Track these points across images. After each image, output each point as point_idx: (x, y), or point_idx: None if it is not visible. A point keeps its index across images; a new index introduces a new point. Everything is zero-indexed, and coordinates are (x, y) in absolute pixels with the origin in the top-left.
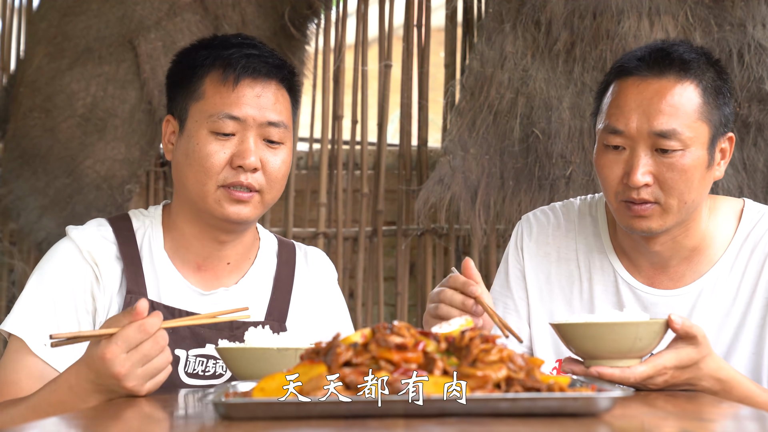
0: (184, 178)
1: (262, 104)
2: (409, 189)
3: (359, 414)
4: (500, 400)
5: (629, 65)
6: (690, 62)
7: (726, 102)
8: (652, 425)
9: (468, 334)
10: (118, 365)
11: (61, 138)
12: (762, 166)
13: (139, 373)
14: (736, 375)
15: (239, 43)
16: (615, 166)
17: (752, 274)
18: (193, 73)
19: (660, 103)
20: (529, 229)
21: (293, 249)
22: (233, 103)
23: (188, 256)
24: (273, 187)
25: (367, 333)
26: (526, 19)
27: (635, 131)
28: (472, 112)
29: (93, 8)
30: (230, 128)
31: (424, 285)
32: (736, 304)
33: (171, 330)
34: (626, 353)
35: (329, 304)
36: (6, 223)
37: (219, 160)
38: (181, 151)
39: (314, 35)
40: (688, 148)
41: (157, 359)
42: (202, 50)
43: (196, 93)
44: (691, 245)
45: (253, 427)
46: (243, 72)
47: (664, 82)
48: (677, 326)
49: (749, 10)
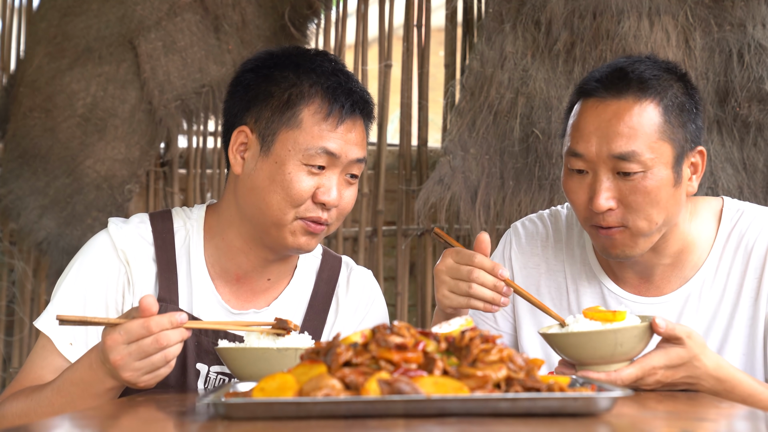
0: (262, 201)
1: (353, 140)
2: (409, 189)
3: (359, 414)
4: (500, 400)
5: (588, 87)
6: (648, 81)
7: (692, 118)
8: (652, 425)
9: (468, 334)
10: (116, 353)
11: (61, 138)
12: (762, 166)
13: (135, 366)
14: (736, 373)
15: (334, 70)
16: (580, 191)
17: (737, 274)
18: (288, 95)
19: (618, 125)
20: (518, 240)
21: (338, 267)
22: (332, 139)
23: (229, 266)
24: (340, 219)
25: (367, 333)
26: (526, 19)
27: (595, 155)
28: (472, 112)
29: (93, 8)
30: (323, 161)
31: (424, 285)
32: (723, 305)
33: (199, 332)
34: (610, 359)
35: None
36: (6, 223)
37: (307, 193)
38: (264, 174)
39: (314, 35)
40: (649, 169)
41: (155, 357)
42: (292, 66)
43: (291, 120)
44: (672, 252)
45: (253, 427)
46: (348, 112)
47: (623, 102)
48: (661, 330)
49: (749, 10)
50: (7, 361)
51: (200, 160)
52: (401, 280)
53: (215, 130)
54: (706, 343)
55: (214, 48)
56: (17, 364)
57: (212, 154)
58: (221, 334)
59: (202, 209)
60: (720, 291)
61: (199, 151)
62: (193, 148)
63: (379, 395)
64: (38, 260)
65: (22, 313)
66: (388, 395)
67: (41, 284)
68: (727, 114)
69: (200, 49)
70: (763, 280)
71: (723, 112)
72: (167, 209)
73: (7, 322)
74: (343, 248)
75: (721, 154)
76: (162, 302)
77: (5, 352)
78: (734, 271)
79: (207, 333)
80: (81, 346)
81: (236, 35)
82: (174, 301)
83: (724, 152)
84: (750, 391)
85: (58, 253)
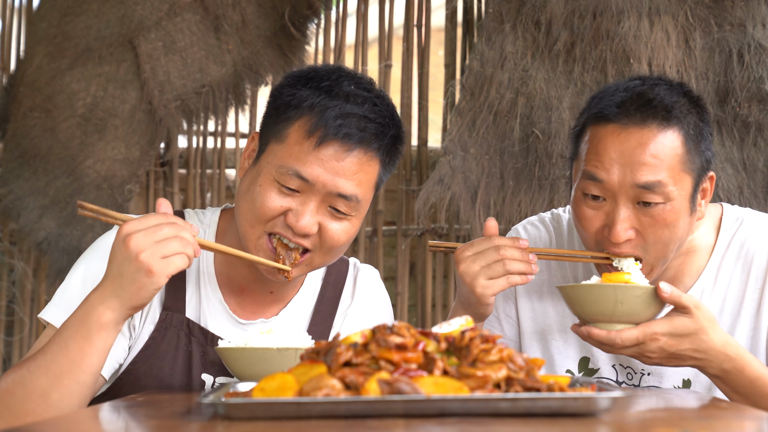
0: (239, 207)
1: (340, 171)
2: (409, 189)
3: (359, 414)
4: (500, 400)
5: (608, 112)
6: (672, 108)
7: (707, 146)
8: (652, 425)
9: (468, 334)
10: (130, 227)
11: (61, 138)
12: (762, 166)
13: (152, 250)
14: (745, 353)
15: (348, 93)
16: (595, 218)
17: (738, 284)
18: (287, 110)
19: (643, 155)
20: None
21: (345, 268)
22: (309, 162)
23: (233, 276)
24: (327, 252)
25: (367, 333)
26: (526, 19)
27: (617, 183)
28: (472, 112)
29: (93, 8)
30: (295, 185)
31: (424, 285)
32: (724, 315)
33: (205, 343)
34: (610, 316)
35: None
36: (6, 223)
37: (273, 210)
38: (247, 181)
39: (314, 35)
40: (670, 201)
41: (173, 241)
42: (307, 88)
43: (280, 133)
44: (675, 264)
45: (253, 427)
46: (332, 134)
47: (646, 131)
48: (666, 294)
49: (749, 10)
50: (7, 361)
51: (200, 160)
52: (401, 280)
53: (215, 130)
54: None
55: (214, 48)
56: None
57: (212, 154)
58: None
59: (216, 213)
60: (720, 300)
61: (199, 151)
62: (193, 148)
63: (379, 395)
64: (38, 260)
65: (22, 313)
66: (388, 395)
67: (41, 284)
68: (727, 114)
69: (200, 49)
70: (765, 292)
71: (723, 112)
72: (180, 210)
73: (7, 322)
74: None
75: (721, 154)
76: (167, 311)
77: (5, 352)
78: (735, 281)
79: (213, 343)
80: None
81: (236, 35)
82: (180, 309)
83: (724, 152)
84: (758, 374)
85: (58, 253)
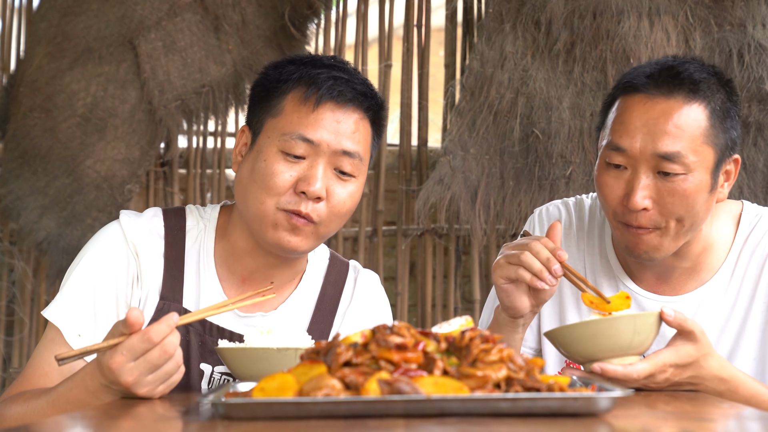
0: (245, 193)
1: (340, 130)
2: (409, 189)
3: (359, 414)
4: (500, 400)
5: (637, 82)
6: (700, 83)
7: (734, 125)
8: (653, 425)
9: (468, 334)
10: (126, 374)
11: (61, 138)
12: (762, 166)
13: (148, 380)
14: (739, 374)
15: (330, 64)
16: (615, 186)
17: (751, 279)
18: (277, 87)
19: (666, 124)
20: (542, 225)
21: (345, 269)
22: (310, 124)
23: (235, 267)
24: (332, 220)
25: (367, 333)
26: (526, 19)
27: (638, 151)
28: (472, 112)
29: (93, 8)
30: (301, 150)
31: (424, 285)
32: (736, 309)
33: (203, 332)
34: (627, 349)
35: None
36: (6, 223)
37: (284, 181)
38: (247, 166)
39: (314, 35)
40: (691, 172)
41: (167, 365)
42: (291, 65)
43: (275, 108)
44: (693, 255)
45: (253, 427)
46: (327, 93)
47: (672, 102)
48: (669, 318)
49: (749, 10)
50: (7, 361)
51: (200, 160)
52: (401, 280)
53: (215, 130)
54: (718, 347)
55: (214, 48)
56: (17, 364)
57: (212, 154)
58: (226, 333)
59: (216, 209)
60: (734, 295)
61: (199, 151)
62: (193, 148)
63: (379, 395)
64: (38, 260)
65: (22, 313)
66: (388, 395)
67: (41, 284)
68: None
69: (200, 49)
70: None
71: None
72: (181, 206)
73: (7, 322)
74: (343, 248)
75: None
76: (165, 300)
77: (5, 352)
78: (748, 276)
79: (211, 333)
80: (89, 337)
81: (236, 35)
82: (177, 300)
83: None
84: (752, 392)
85: (58, 253)
